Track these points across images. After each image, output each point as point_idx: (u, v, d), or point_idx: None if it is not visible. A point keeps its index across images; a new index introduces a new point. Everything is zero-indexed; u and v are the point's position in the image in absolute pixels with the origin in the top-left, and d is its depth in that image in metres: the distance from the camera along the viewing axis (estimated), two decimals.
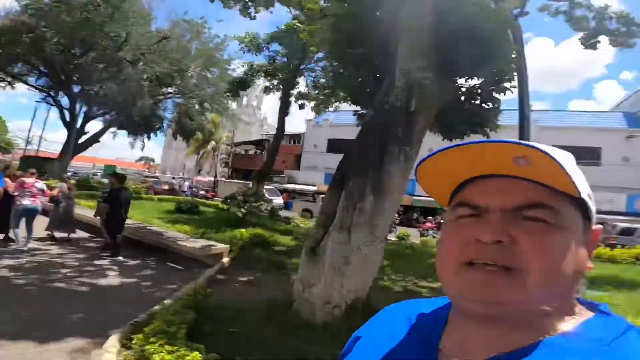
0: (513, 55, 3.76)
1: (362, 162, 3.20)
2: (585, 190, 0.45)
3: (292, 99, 14.33)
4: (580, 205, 0.45)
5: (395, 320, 0.55)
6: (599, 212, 0.55)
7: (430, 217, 19.22)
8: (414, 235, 13.48)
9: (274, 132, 16.15)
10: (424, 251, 9.74)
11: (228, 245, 6.82)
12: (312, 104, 15.27)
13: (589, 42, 7.11)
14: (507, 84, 4.01)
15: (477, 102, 4.35)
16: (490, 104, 4.28)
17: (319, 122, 33.20)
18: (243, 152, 40.49)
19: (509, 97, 5.38)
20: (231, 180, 27.64)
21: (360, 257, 3.07)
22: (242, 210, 11.63)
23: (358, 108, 5.30)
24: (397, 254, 8.96)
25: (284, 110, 14.05)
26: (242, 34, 13.42)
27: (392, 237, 13.02)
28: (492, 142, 0.43)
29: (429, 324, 0.52)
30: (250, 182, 15.15)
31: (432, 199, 0.55)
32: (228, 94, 14.83)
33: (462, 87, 4.02)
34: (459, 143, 0.46)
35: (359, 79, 4.52)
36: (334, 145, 33.66)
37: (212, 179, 38.93)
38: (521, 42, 5.69)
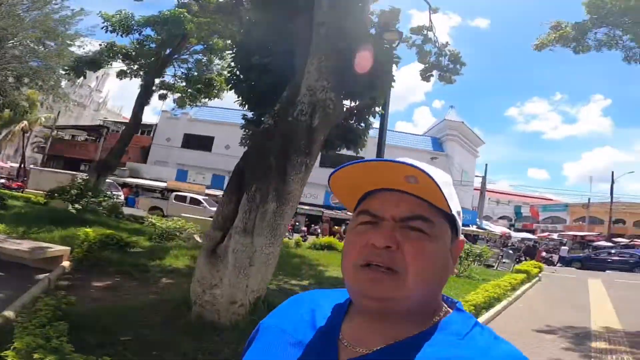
0: (392, 85, 4.57)
1: (264, 168, 3.30)
2: (455, 208, 0.55)
3: (154, 88, 12.93)
4: (451, 220, 0.55)
5: (299, 309, 0.61)
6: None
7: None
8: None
9: (113, 118, 14.20)
10: (289, 252, 10.36)
11: (68, 247, 5.73)
12: (176, 95, 14.16)
13: (426, 75, 9.03)
14: (378, 108, 4.83)
15: (353, 121, 5.06)
16: (363, 124, 5.05)
17: (177, 114, 30.58)
18: (68, 138, 33.44)
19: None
20: (50, 170, 22.18)
21: (262, 258, 3.17)
22: (76, 206, 9.76)
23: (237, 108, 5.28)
24: None
25: (143, 99, 12.52)
26: (112, 12, 11.46)
27: None
28: (390, 162, 0.52)
29: (330, 315, 0.59)
30: (81, 173, 12.79)
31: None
32: (68, 72, 12.23)
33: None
34: (365, 159, 0.55)
35: (253, 85, 4.60)
36: (190, 141, 31.63)
37: (16, 164, 30.80)
38: None
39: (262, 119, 4.17)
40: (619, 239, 28.84)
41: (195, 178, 28.08)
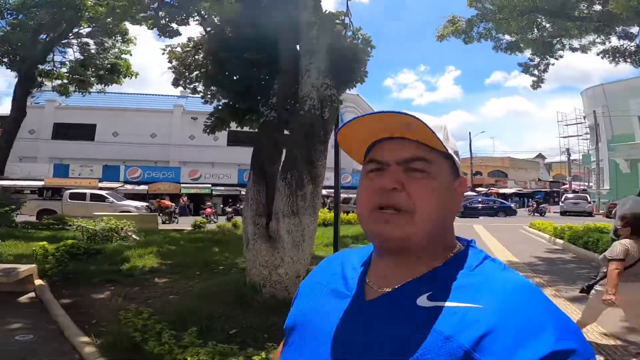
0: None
1: (296, 157, 3.87)
2: (452, 148, 0.60)
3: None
4: (450, 159, 0.60)
5: (331, 265, 0.70)
6: None
7: (209, 203, 19.78)
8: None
9: None
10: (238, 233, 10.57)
11: (34, 265, 5.19)
12: (56, 82, 12.24)
13: None
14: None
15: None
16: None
17: (39, 102, 25.40)
18: None
19: None
20: None
21: (309, 233, 3.78)
22: None
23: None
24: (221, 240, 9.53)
25: (25, 87, 10.56)
26: None
27: (188, 227, 12.95)
28: (386, 112, 0.57)
29: (357, 265, 0.66)
30: None
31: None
32: None
33: None
34: (367, 113, 0.60)
35: (236, 79, 4.89)
36: (63, 131, 26.90)
37: None
38: None
39: (263, 111, 4.57)
40: (479, 189, 36.41)
41: (81, 172, 24.40)
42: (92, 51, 11.77)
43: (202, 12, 9.80)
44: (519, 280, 0.54)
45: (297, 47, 4.80)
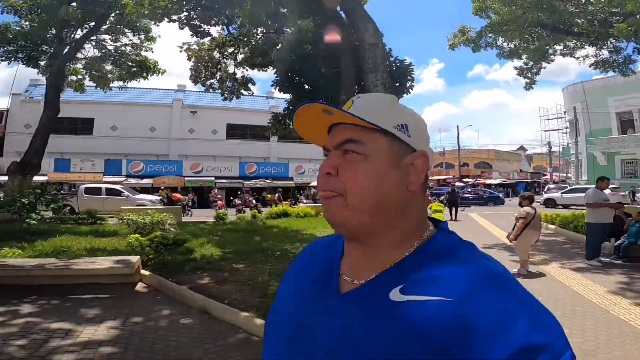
0: None
1: None
2: (390, 123, 0.56)
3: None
4: (391, 135, 0.56)
5: (303, 259, 0.69)
6: None
7: (219, 196, 20.47)
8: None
9: None
10: (264, 224, 11.48)
11: (138, 256, 5.75)
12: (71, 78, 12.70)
13: None
14: None
15: None
16: None
17: (34, 97, 25.13)
18: None
19: None
20: None
21: None
22: (33, 215, 8.72)
23: None
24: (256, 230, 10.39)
25: (57, 84, 11.06)
26: None
27: (210, 219, 13.69)
28: (305, 104, 0.58)
29: (329, 255, 0.64)
30: None
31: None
32: None
33: None
34: (302, 103, 0.59)
35: (307, 89, 5.79)
36: (59, 126, 26.59)
37: None
38: None
39: None
40: (467, 179, 38.14)
41: (82, 166, 24.54)
42: (120, 48, 12.23)
43: (233, 16, 10.51)
44: (491, 268, 0.52)
45: (346, 57, 5.74)
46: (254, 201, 19.88)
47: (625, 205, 9.34)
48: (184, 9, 9.67)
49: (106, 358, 3.05)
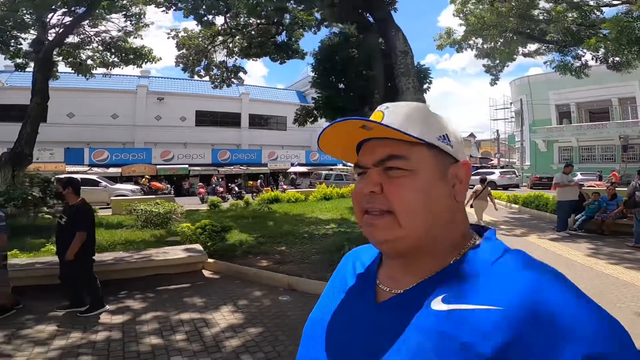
0: None
1: None
2: (435, 134, 0.55)
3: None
4: (435, 147, 0.55)
5: (345, 266, 0.69)
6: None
7: (201, 184, 20.26)
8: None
9: None
10: (260, 212, 11.93)
11: (197, 244, 6.11)
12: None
13: None
14: None
15: None
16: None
17: None
18: None
19: None
20: None
21: None
22: (45, 209, 8.53)
23: None
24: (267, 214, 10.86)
25: (45, 73, 10.54)
26: None
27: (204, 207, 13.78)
28: (342, 121, 0.54)
29: (368, 264, 0.65)
30: None
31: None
32: None
33: None
34: (336, 120, 0.56)
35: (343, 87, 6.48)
36: (6, 113, 24.28)
37: None
38: None
39: (367, 112, 6.32)
40: None
41: (40, 156, 22.61)
42: (109, 35, 11.75)
43: (232, 6, 10.69)
44: (544, 274, 0.48)
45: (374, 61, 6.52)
46: (236, 188, 19.99)
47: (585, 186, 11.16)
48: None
49: (267, 337, 3.38)
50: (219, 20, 12.04)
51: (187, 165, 24.50)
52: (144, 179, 19.72)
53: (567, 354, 0.41)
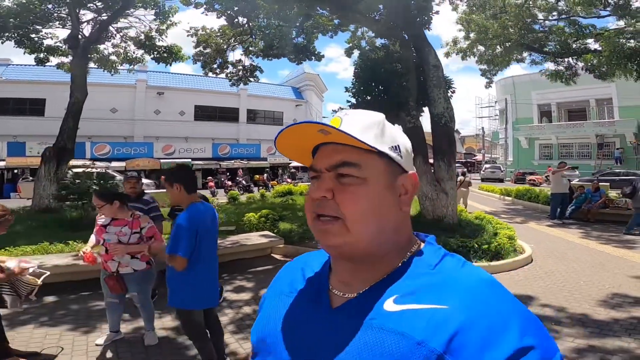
0: None
1: (441, 152, 6.82)
2: (388, 144, 0.57)
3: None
4: (387, 157, 0.57)
5: (292, 272, 0.69)
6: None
7: (210, 177, 20.87)
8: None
9: None
10: (278, 203, 12.81)
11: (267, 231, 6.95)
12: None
13: None
14: None
15: None
16: None
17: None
18: None
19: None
20: None
21: (453, 193, 6.93)
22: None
23: None
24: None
25: (83, 68, 11.07)
26: None
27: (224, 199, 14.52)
28: (301, 123, 0.56)
29: (318, 269, 0.65)
30: None
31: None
32: None
33: None
34: (288, 125, 0.58)
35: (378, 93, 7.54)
36: (4, 107, 23.95)
37: None
38: None
39: (403, 116, 7.37)
40: None
41: (40, 150, 22.52)
42: (141, 32, 12.29)
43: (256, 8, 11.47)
44: (480, 276, 0.54)
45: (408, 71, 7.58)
46: (243, 182, 20.73)
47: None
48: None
49: None
50: (242, 20, 12.73)
51: (189, 160, 24.94)
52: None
53: (503, 346, 0.46)
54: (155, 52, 12.09)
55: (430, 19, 7.26)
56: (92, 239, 3.18)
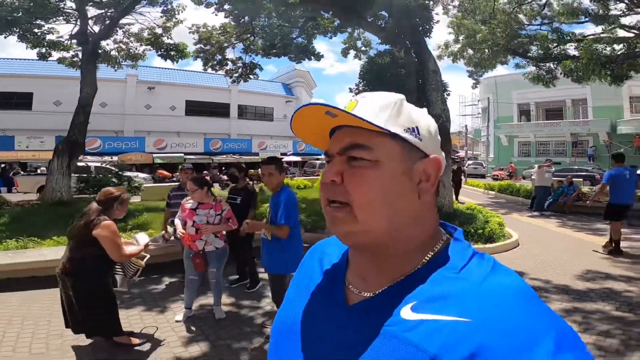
0: None
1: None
2: (400, 126, 0.53)
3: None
4: (402, 139, 0.53)
5: (311, 261, 0.67)
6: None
7: (206, 172, 21.10)
8: None
9: None
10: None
11: None
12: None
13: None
14: None
15: None
16: None
17: None
18: None
19: None
20: None
21: (448, 185, 7.72)
22: None
23: None
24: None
25: (94, 64, 11.32)
26: None
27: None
28: (307, 106, 0.54)
29: (335, 259, 0.63)
30: None
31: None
32: None
33: None
34: (302, 104, 0.55)
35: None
36: None
37: None
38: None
39: None
40: None
41: (29, 144, 22.34)
42: (146, 28, 12.53)
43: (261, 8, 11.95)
44: (510, 284, 0.49)
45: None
46: (223, 177, 21.10)
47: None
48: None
49: None
50: (246, 19, 13.12)
51: (182, 154, 25.06)
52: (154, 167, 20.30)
53: None
54: (162, 50, 12.36)
55: (431, 28, 7.98)
56: (178, 222, 3.64)
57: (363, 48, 15.31)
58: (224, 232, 3.58)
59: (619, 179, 6.18)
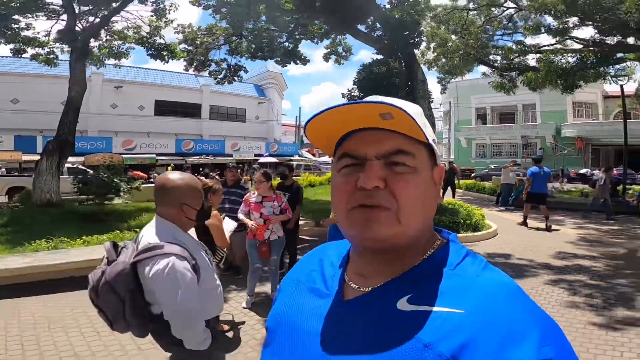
0: None
1: None
2: (430, 137, 0.56)
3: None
4: (429, 148, 0.57)
5: (311, 261, 0.69)
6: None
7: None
8: None
9: None
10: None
11: None
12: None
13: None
14: None
15: None
16: None
17: None
18: None
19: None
20: None
21: None
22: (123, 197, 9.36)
23: None
24: None
25: (83, 63, 11.07)
26: None
27: None
28: (364, 102, 0.52)
29: (335, 261, 0.65)
30: None
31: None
32: None
33: None
34: (337, 105, 0.54)
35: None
36: None
37: None
38: None
39: None
40: None
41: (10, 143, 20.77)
42: (134, 27, 12.35)
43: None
44: (500, 281, 0.53)
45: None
46: (217, 177, 21.04)
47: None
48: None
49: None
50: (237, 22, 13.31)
51: (154, 155, 24.40)
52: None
53: (518, 356, 0.44)
54: (152, 49, 12.29)
55: (421, 41, 8.86)
56: (242, 216, 3.93)
57: (344, 53, 16.18)
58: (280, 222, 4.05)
59: (537, 175, 8.80)
